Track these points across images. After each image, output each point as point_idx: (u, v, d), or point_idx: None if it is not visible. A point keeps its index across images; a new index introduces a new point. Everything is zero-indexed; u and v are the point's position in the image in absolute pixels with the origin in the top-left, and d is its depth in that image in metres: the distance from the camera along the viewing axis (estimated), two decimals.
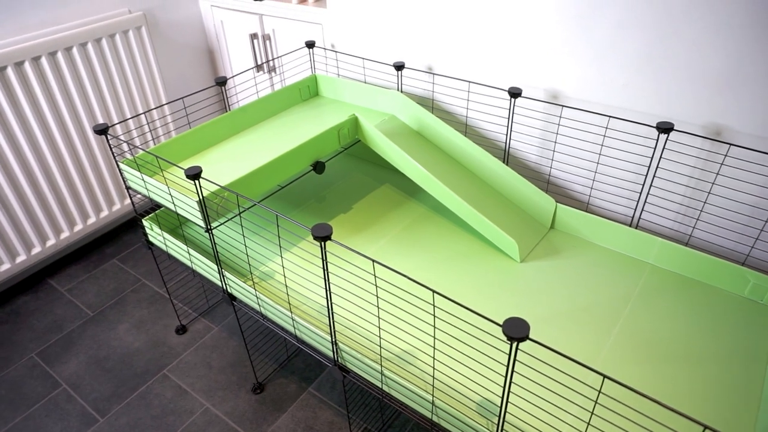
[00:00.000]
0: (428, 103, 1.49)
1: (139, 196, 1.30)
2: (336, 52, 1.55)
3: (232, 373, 1.42)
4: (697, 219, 1.17)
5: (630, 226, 1.21)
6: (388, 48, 1.50)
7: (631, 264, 1.20)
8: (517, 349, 0.68)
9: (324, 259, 0.85)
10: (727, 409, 0.90)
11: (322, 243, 0.84)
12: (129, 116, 1.32)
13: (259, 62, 1.83)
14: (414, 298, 1.10)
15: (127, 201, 1.82)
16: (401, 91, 1.48)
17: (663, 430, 0.85)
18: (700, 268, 1.13)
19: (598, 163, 1.25)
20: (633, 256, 1.21)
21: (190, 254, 1.23)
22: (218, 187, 1.08)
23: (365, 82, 1.57)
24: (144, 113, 1.43)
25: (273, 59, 1.57)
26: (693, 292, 1.12)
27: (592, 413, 0.65)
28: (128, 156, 1.77)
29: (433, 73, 1.43)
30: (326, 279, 0.88)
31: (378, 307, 0.86)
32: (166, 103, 1.27)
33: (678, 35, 1.05)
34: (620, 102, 1.17)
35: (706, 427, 0.56)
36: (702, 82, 1.06)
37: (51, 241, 1.65)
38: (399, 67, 1.41)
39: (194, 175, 1.00)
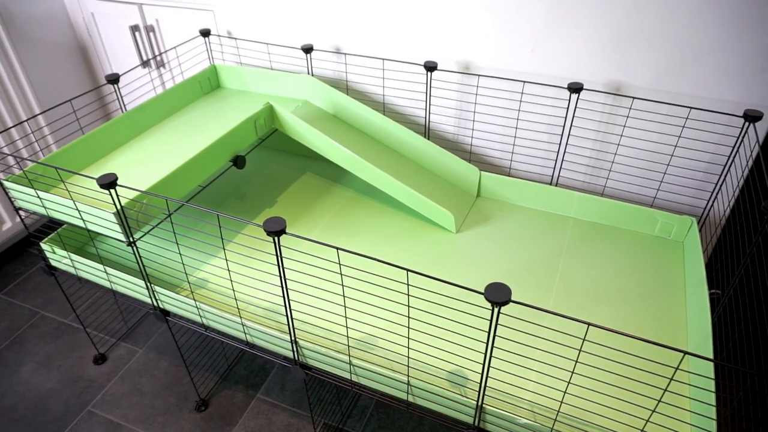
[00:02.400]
0: (342, 85, 1.45)
1: (32, 216, 1.12)
2: (236, 39, 1.45)
3: (169, 395, 1.30)
4: (609, 170, 1.27)
5: (550, 184, 1.28)
6: (291, 31, 1.43)
7: (556, 220, 1.27)
8: (499, 313, 0.68)
9: (279, 255, 0.80)
10: (662, 334, 0.99)
11: (276, 238, 0.78)
12: (8, 129, 1.14)
13: (145, 58, 1.67)
14: (380, 278, 1.08)
15: (6, 226, 1.59)
16: (312, 75, 1.43)
17: (640, 363, 0.91)
18: (615, 214, 1.23)
19: (516, 128, 1.30)
20: (556, 212, 1.29)
21: (108, 273, 1.10)
22: (138, 194, 0.97)
23: (272, 69, 1.49)
24: (15, 126, 1.25)
25: (164, 52, 1.44)
26: (613, 237, 1.21)
27: (577, 361, 0.68)
28: (13, 171, 1.53)
29: (345, 53, 1.39)
30: (282, 276, 0.83)
31: (344, 296, 0.83)
32: (49, 109, 1.11)
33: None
34: (530, 68, 1.22)
35: (685, 353, 0.61)
36: (600, 42, 1.14)
37: None
38: (308, 50, 1.36)
39: (109, 183, 0.89)
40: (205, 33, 1.45)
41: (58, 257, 1.16)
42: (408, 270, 0.71)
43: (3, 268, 1.67)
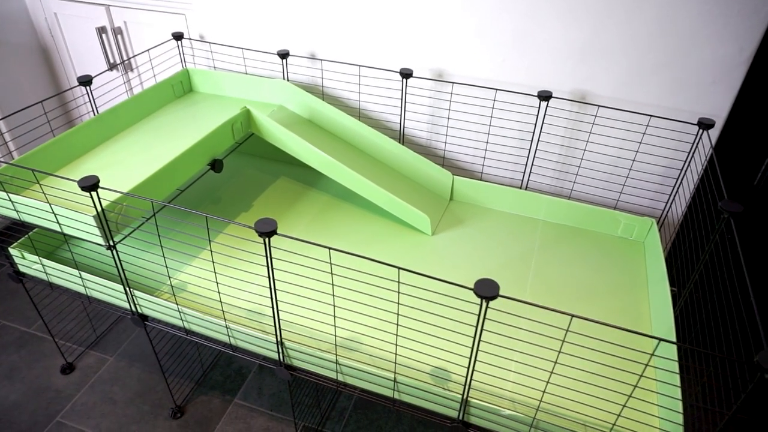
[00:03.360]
0: (317, 90, 1.47)
1: None
2: (209, 43, 1.45)
3: (143, 403, 1.28)
4: (576, 174, 1.33)
5: (520, 188, 1.33)
6: (266, 36, 1.44)
7: (526, 222, 1.32)
8: (487, 307, 0.72)
9: (269, 257, 0.81)
10: (629, 326, 1.05)
11: (267, 239, 0.80)
12: None
13: (113, 60, 1.64)
14: (369, 279, 1.10)
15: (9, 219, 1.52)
16: (288, 80, 1.44)
17: (619, 351, 0.96)
18: (581, 217, 1.29)
19: (488, 134, 1.35)
20: (526, 215, 1.34)
21: (83, 278, 1.07)
22: (118, 196, 0.95)
23: (246, 74, 1.50)
24: None
25: (135, 56, 1.42)
26: (580, 238, 1.28)
27: (560, 351, 0.72)
28: None
29: (321, 59, 1.41)
30: (271, 277, 0.84)
31: (333, 294, 0.85)
32: (17, 112, 1.08)
33: (541, 13, 1.17)
34: (501, 76, 1.28)
35: (660, 339, 0.66)
36: (565, 54, 1.20)
37: None
38: (284, 55, 1.37)
39: (91, 186, 0.88)
40: (178, 36, 1.44)
41: (29, 263, 1.12)
42: (399, 268, 0.74)
43: None
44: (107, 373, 1.34)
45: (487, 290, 0.70)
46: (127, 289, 1.03)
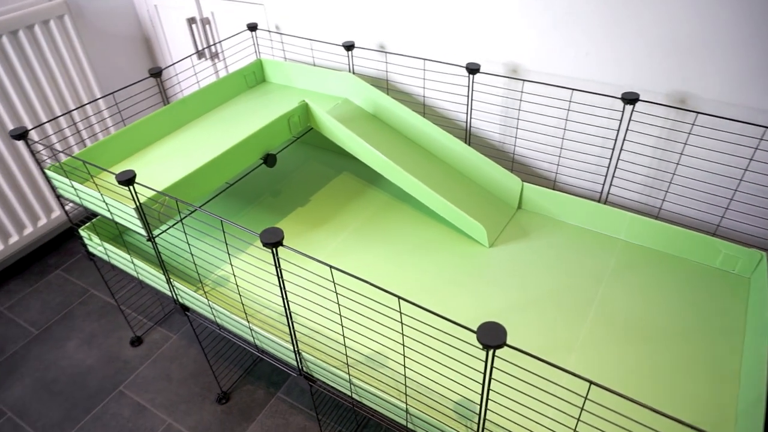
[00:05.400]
0: (383, 84, 1.41)
1: (71, 204, 1.18)
2: (281, 33, 1.44)
3: (195, 384, 1.33)
4: (666, 191, 1.14)
5: (599, 201, 1.17)
6: (336, 27, 1.40)
7: (602, 241, 1.16)
8: (494, 356, 0.62)
9: (277, 266, 0.77)
10: (708, 384, 0.87)
11: (274, 249, 0.76)
12: (60, 116, 1.19)
13: (199, 49, 1.70)
14: (379, 300, 1.04)
15: (69, 205, 1.68)
16: (353, 73, 1.39)
17: (649, 428, 0.81)
18: (671, 241, 1.10)
19: (563, 138, 1.20)
20: (603, 232, 1.18)
21: (134, 264, 1.13)
22: (162, 189, 0.98)
23: (314, 65, 1.47)
24: (65, 114, 1.30)
25: (212, 45, 1.45)
26: (665, 266, 1.09)
27: (579, 419, 0.60)
28: (56, 161, 1.62)
29: (386, 52, 1.34)
30: (282, 287, 0.80)
31: (340, 314, 0.79)
32: (93, 101, 1.15)
33: (640, 0, 0.99)
34: (583, 73, 1.12)
35: (692, 427, 0.52)
36: (666, 49, 1.01)
37: None
38: (349, 47, 1.32)
39: (127, 180, 0.90)
40: (252, 27, 1.45)
41: (94, 244, 1.20)
42: (400, 297, 0.66)
43: (63, 246, 1.78)
44: (169, 350, 1.42)
45: (491, 337, 0.60)
46: (168, 279, 1.06)
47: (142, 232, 0.99)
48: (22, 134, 1.03)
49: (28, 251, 1.73)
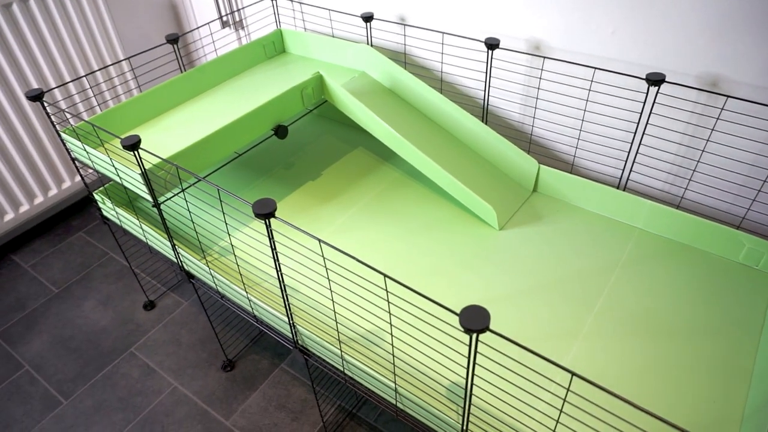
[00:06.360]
0: (401, 58, 1.37)
1: (90, 171, 1.21)
2: (301, 3, 1.41)
3: (202, 350, 1.36)
4: (690, 179, 1.08)
5: (618, 188, 1.12)
6: None
7: (619, 229, 1.11)
8: (477, 340, 0.60)
9: (271, 238, 0.77)
10: (717, 383, 0.83)
11: (266, 221, 0.75)
12: (71, 81, 1.20)
13: (222, 16, 1.69)
14: (370, 278, 1.02)
15: (90, 169, 1.72)
16: (371, 45, 1.36)
17: (640, 421, 0.78)
18: (692, 232, 1.05)
19: (583, 120, 1.15)
20: (621, 220, 1.13)
21: (143, 230, 1.14)
22: (169, 155, 0.98)
23: (333, 36, 1.44)
24: (84, 76, 1.32)
25: (233, 12, 1.44)
26: (684, 258, 1.04)
27: (561, 410, 0.58)
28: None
29: (404, 24, 1.30)
30: (275, 258, 0.80)
31: (330, 289, 0.78)
32: (103, 67, 1.15)
33: None
34: (608, 52, 1.06)
35: (672, 425, 0.49)
36: (697, 28, 0.95)
37: (9, 215, 1.56)
38: (367, 18, 1.29)
39: (131, 145, 0.90)
40: None
41: (107, 208, 1.22)
42: (386, 276, 0.64)
43: (86, 209, 1.82)
44: (180, 316, 1.45)
45: (474, 321, 0.58)
46: (173, 245, 1.07)
47: (148, 197, 1.00)
48: (37, 96, 1.05)
49: (52, 213, 1.78)
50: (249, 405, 1.23)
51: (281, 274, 0.82)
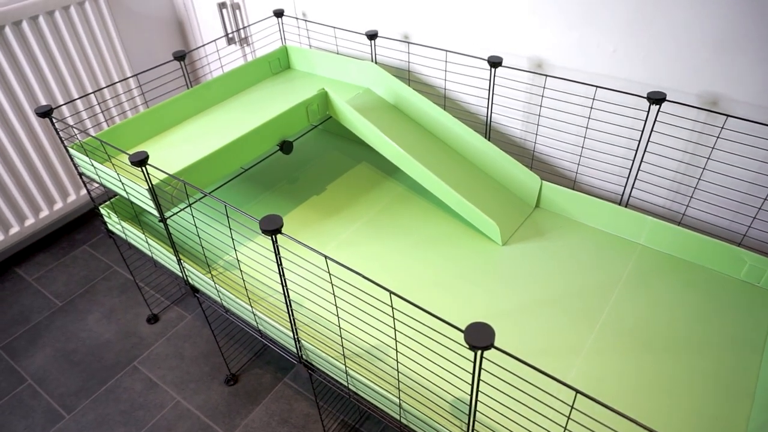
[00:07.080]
0: (405, 75, 1.39)
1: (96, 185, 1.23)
2: (306, 21, 1.44)
3: (205, 364, 1.36)
4: (691, 196, 1.09)
5: (619, 204, 1.13)
6: (361, 15, 1.39)
7: (621, 245, 1.12)
8: (482, 357, 0.60)
9: (277, 254, 0.77)
10: (719, 401, 0.84)
11: (273, 237, 0.76)
12: (78, 98, 1.22)
13: (228, 33, 1.72)
14: (375, 293, 1.03)
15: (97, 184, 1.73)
16: (375, 62, 1.38)
17: None
18: (693, 248, 1.06)
19: (585, 137, 1.16)
20: (622, 236, 1.14)
21: (149, 244, 1.15)
22: (175, 171, 0.99)
23: (338, 53, 1.46)
24: (93, 93, 1.33)
25: (239, 30, 1.46)
26: (685, 275, 1.04)
27: (565, 429, 0.58)
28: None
29: (408, 42, 1.32)
30: (281, 274, 0.80)
31: (336, 305, 0.79)
32: (110, 85, 1.17)
33: None
34: (609, 70, 1.07)
35: None
36: (697, 47, 0.96)
37: (15, 229, 1.57)
38: (372, 36, 1.31)
39: (140, 161, 0.91)
40: (279, 13, 1.45)
41: (113, 222, 1.23)
42: (391, 292, 0.65)
43: (91, 223, 1.84)
44: (183, 329, 1.45)
45: (479, 338, 0.59)
46: (178, 260, 1.07)
47: (155, 212, 1.01)
48: (46, 112, 1.06)
49: (57, 226, 1.79)
50: (252, 420, 1.23)
51: (287, 289, 0.82)
